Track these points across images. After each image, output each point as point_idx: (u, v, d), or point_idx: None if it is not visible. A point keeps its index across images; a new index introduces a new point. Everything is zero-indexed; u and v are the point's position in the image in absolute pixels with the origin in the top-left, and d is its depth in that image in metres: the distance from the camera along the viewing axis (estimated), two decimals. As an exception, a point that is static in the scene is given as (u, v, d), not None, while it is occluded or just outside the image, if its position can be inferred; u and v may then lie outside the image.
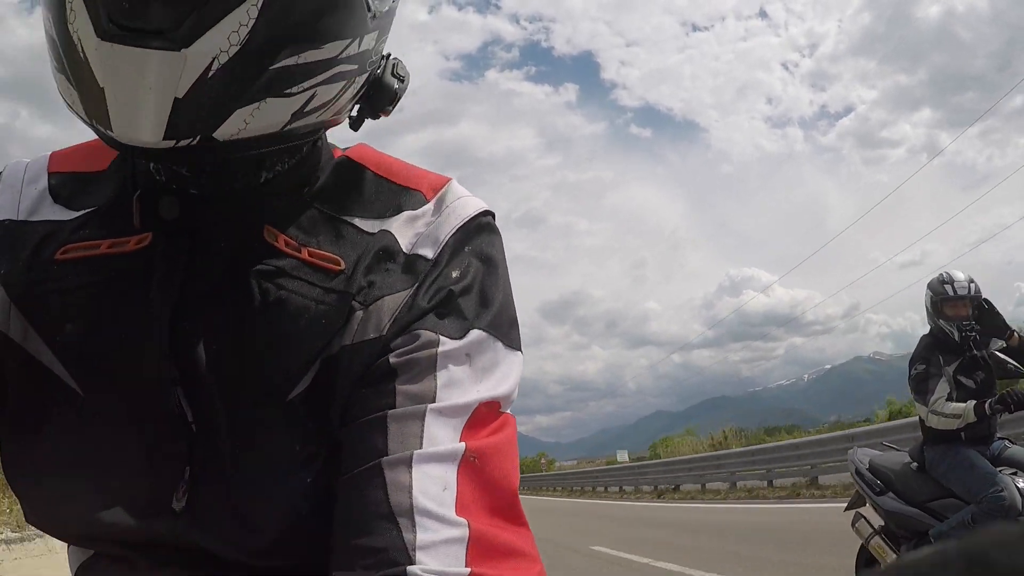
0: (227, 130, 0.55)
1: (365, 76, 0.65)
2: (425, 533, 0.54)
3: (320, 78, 0.58)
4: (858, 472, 3.96)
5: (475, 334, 0.64)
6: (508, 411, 0.64)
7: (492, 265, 0.68)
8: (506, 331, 0.66)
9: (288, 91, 0.57)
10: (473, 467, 0.58)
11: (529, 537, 0.60)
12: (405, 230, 0.67)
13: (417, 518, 0.54)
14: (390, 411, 0.59)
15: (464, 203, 0.70)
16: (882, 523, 3.81)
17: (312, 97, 0.59)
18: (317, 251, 0.65)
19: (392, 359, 0.61)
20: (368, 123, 0.71)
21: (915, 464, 3.67)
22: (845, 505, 4.21)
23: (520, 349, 0.68)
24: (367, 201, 0.69)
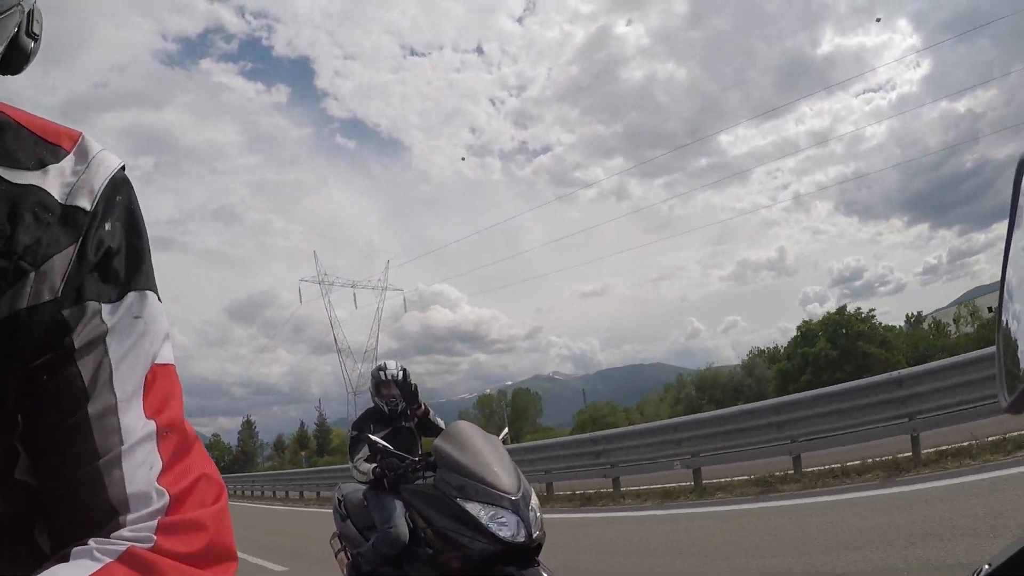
0: None
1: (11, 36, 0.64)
2: (136, 512, 0.63)
3: None
4: (336, 502, 4.79)
5: (135, 295, 0.68)
6: (168, 356, 0.70)
7: (138, 218, 0.70)
8: (154, 282, 0.70)
9: None
10: (167, 438, 0.67)
11: (209, 459, 0.71)
12: (54, 182, 0.66)
13: (131, 503, 0.63)
14: (90, 411, 0.64)
15: (107, 156, 0.69)
16: (345, 543, 4.62)
17: None
18: None
19: (72, 340, 0.64)
20: (71, 95, 0.69)
21: (365, 501, 4.35)
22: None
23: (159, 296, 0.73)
24: (9, 151, 0.66)
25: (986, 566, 0.63)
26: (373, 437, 4.03)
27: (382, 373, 4.73)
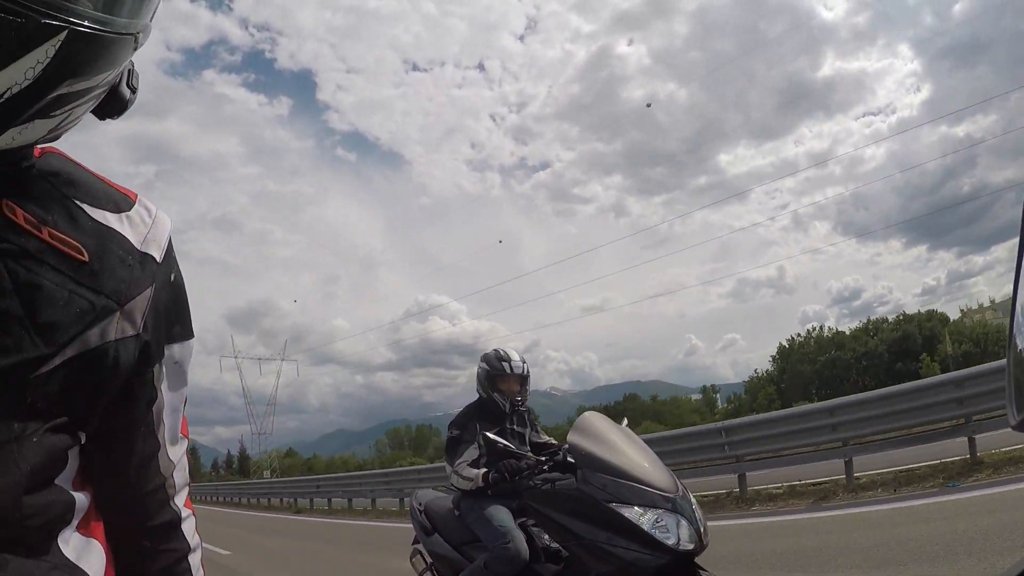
0: None
1: (109, 88, 0.67)
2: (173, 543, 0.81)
3: (80, 101, 0.62)
4: (415, 512, 3.95)
5: (187, 341, 0.79)
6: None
7: (180, 271, 0.79)
8: (192, 327, 0.81)
9: (53, 113, 0.60)
10: (188, 455, 0.82)
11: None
12: (130, 229, 0.72)
13: (184, 527, 0.82)
14: (160, 439, 0.77)
15: (163, 214, 0.77)
16: (431, 560, 3.80)
17: (68, 116, 0.63)
18: (57, 234, 0.65)
19: (146, 372, 0.74)
20: None
21: (457, 511, 3.65)
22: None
23: None
24: (90, 191, 0.71)
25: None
26: (490, 435, 3.16)
27: (505, 364, 3.75)
